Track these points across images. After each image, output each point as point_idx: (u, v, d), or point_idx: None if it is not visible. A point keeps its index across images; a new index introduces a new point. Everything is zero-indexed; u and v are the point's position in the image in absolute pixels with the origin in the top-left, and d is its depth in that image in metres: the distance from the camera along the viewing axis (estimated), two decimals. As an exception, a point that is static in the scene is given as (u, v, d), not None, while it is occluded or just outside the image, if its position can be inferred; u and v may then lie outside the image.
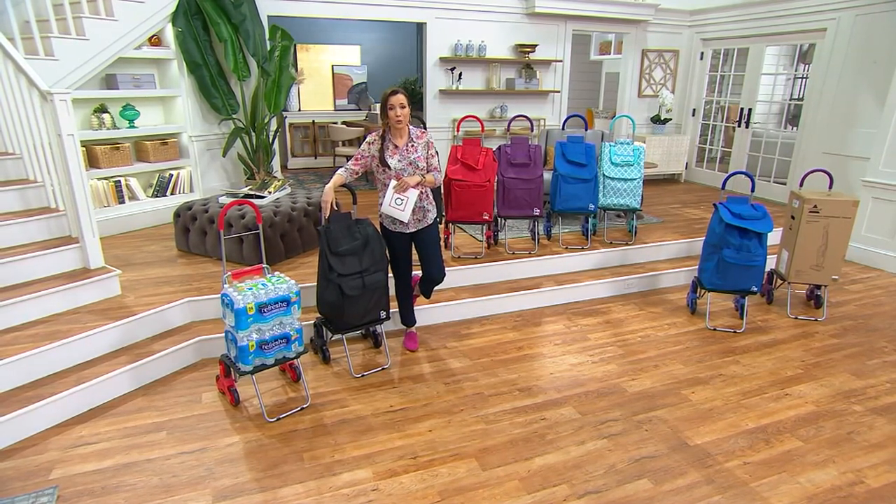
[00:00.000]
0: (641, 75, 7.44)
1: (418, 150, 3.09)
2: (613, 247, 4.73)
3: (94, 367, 2.88)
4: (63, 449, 2.48)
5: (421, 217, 3.19)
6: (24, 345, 2.81)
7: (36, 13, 4.19)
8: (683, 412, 2.84)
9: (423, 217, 3.20)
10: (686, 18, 7.42)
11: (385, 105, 2.98)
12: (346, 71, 8.91)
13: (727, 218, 3.60)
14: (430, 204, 3.23)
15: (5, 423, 2.49)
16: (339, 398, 2.93)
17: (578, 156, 4.55)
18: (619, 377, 3.17)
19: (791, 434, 2.68)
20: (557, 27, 6.80)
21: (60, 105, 3.17)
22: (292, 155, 8.63)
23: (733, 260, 3.62)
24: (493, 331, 3.76)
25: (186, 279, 3.79)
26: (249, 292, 2.61)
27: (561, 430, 2.67)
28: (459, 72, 6.55)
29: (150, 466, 2.38)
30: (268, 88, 5.45)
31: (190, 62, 5.11)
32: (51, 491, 2.23)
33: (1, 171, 3.66)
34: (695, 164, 7.84)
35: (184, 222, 4.26)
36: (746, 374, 3.23)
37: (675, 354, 3.44)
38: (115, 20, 4.56)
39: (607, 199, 4.70)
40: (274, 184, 4.63)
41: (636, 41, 7.28)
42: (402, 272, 3.36)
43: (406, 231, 3.20)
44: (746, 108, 6.92)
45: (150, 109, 5.34)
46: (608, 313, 4.04)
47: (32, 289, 3.12)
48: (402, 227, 3.19)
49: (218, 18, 5.09)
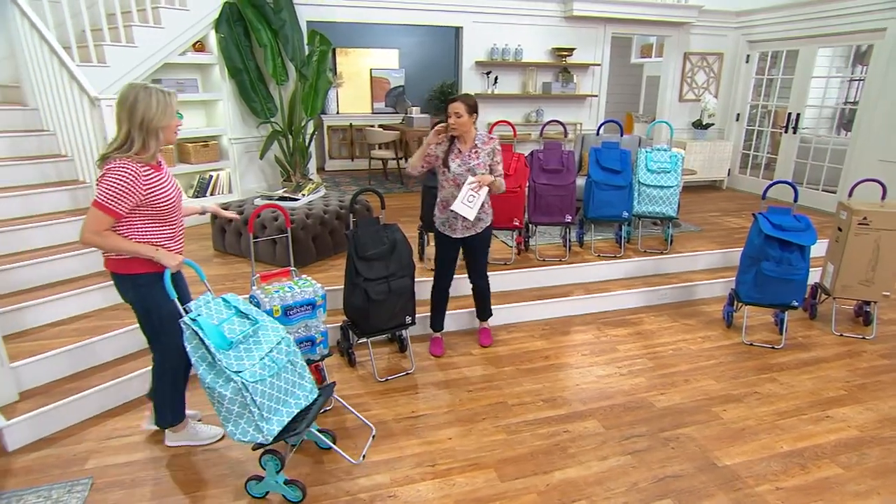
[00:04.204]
0: (683, 79, 7.24)
1: (480, 156, 3.09)
2: (647, 255, 4.61)
3: (130, 362, 3.00)
4: (98, 440, 2.59)
5: (472, 223, 3.20)
6: (67, 338, 2.95)
7: (91, 23, 4.42)
8: (713, 431, 2.74)
9: (475, 224, 3.21)
10: (732, 20, 7.17)
11: (445, 111, 3.04)
12: (385, 74, 9.01)
13: (766, 229, 3.46)
14: (485, 213, 3.23)
15: (49, 413, 2.63)
16: (362, 402, 2.95)
17: (613, 162, 4.46)
18: (647, 391, 3.09)
19: (830, 460, 2.55)
20: (596, 30, 6.69)
21: (107, 110, 3.33)
22: (330, 157, 8.78)
23: (773, 273, 3.47)
24: (519, 339, 3.72)
25: (221, 279, 3.90)
26: (276, 295, 2.66)
27: (584, 444, 2.62)
28: (495, 76, 6.53)
29: (175, 462, 2.46)
30: (305, 92, 5.57)
31: (231, 67, 5.27)
32: (85, 481, 2.33)
33: (55, 172, 3.86)
34: (738, 171, 7.57)
35: (220, 223, 4.40)
36: (784, 392, 3.10)
37: (708, 369, 3.33)
38: (162, 28, 4.76)
39: (642, 207, 4.59)
40: (308, 186, 4.72)
41: (678, 44, 7.09)
42: (443, 278, 3.37)
43: (456, 236, 3.22)
44: (795, 113, 6.64)
45: (193, 113, 5.54)
46: (639, 324, 3.94)
47: (78, 285, 3.28)
48: (452, 231, 3.20)
49: (258, 24, 5.24)
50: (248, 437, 1.99)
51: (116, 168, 2.06)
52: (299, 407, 2.14)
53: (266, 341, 2.10)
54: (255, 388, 1.97)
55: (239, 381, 1.93)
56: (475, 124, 3.10)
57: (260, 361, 2.02)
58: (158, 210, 2.19)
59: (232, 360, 1.97)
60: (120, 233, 2.15)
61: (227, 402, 1.94)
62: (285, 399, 2.09)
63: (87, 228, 2.08)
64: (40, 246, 3.39)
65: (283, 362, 2.11)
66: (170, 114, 2.15)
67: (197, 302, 2.11)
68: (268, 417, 2.00)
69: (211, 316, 2.07)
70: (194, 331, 1.97)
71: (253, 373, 1.98)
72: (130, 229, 2.16)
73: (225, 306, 2.17)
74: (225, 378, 1.94)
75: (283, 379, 2.10)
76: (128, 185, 2.07)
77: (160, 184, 2.19)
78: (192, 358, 1.98)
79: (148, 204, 2.15)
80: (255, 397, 1.96)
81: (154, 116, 2.10)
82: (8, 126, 3.94)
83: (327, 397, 2.34)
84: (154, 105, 2.09)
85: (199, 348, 1.98)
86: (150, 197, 2.15)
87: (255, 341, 2.08)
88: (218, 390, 1.93)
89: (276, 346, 2.11)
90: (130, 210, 2.12)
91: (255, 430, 1.98)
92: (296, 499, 2.20)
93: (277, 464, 2.17)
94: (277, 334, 2.16)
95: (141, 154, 2.12)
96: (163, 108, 2.12)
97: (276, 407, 2.04)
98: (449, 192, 3.14)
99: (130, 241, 2.16)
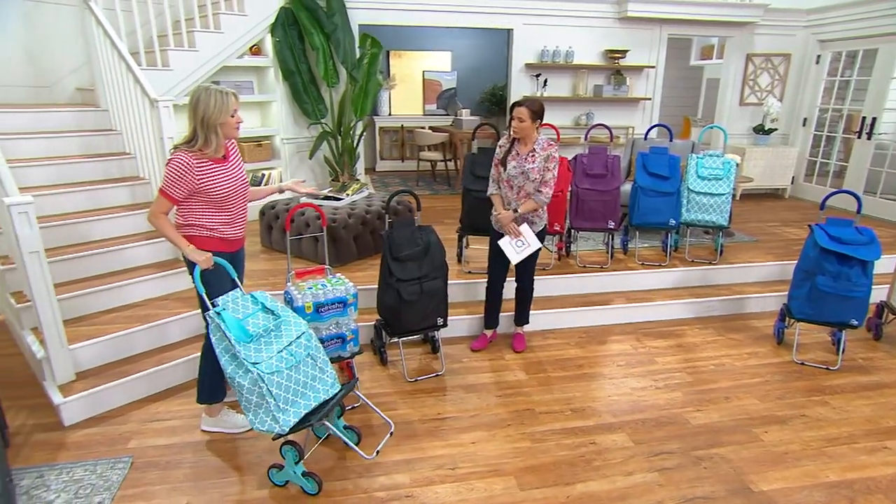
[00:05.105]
0: (745, 81, 6.89)
1: (536, 160, 3.12)
2: (695, 265, 4.42)
3: (175, 350, 3.17)
4: (141, 422, 2.76)
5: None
6: (120, 325, 3.15)
7: (159, 30, 4.70)
8: (751, 452, 2.59)
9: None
10: (801, 18, 6.77)
11: (510, 114, 3.13)
12: (437, 77, 9.08)
13: (823, 242, 3.24)
14: (539, 217, 3.26)
15: (99, 393, 2.83)
16: (390, 401, 2.99)
17: (661, 168, 4.31)
18: (682, 406, 2.96)
19: (885, 496, 2.35)
20: (651, 32, 6.48)
21: (164, 111, 3.53)
22: (381, 158, 8.94)
23: (829, 289, 3.25)
24: (555, 345, 3.66)
25: (265, 274, 4.05)
26: (309, 292, 2.74)
27: (610, 458, 2.54)
28: (545, 78, 6.45)
29: (209, 447, 2.58)
30: (355, 94, 5.70)
31: (285, 70, 5.47)
32: (126, 459, 2.48)
33: (118, 169, 4.12)
34: (803, 179, 7.13)
35: (268, 220, 4.57)
36: (836, 417, 2.89)
37: (752, 387, 3.16)
38: (222, 32, 5.00)
39: (691, 215, 4.40)
40: (352, 187, 4.83)
41: (740, 45, 6.76)
42: (493, 271, 3.42)
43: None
44: (870, 117, 6.18)
45: (249, 113, 5.78)
46: (682, 336, 3.79)
47: (133, 275, 3.49)
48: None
49: (312, 28, 5.40)
50: (265, 426, 2.08)
51: (173, 159, 2.33)
52: (318, 400, 2.21)
53: (287, 335, 2.19)
54: (271, 380, 2.05)
55: (255, 371, 2.02)
56: (538, 129, 3.14)
57: (278, 354, 2.11)
58: (212, 198, 2.41)
59: (251, 351, 2.06)
60: (181, 215, 2.43)
61: (246, 391, 2.04)
62: (304, 392, 2.16)
63: (151, 210, 2.38)
64: (100, 238, 3.64)
65: (303, 356, 2.18)
66: (227, 111, 2.35)
67: (225, 297, 2.21)
68: (284, 408, 2.07)
69: (237, 311, 2.17)
70: (217, 324, 2.06)
71: (269, 364, 2.07)
72: (190, 213, 2.42)
73: (252, 302, 2.26)
74: (244, 369, 2.04)
75: (302, 372, 2.17)
76: (181, 174, 2.31)
77: (215, 175, 2.39)
78: (217, 349, 2.08)
79: (202, 192, 2.37)
80: (272, 388, 2.04)
81: (213, 114, 2.32)
82: (82, 126, 4.25)
83: (347, 392, 2.39)
84: (213, 104, 2.31)
85: (222, 340, 2.08)
86: (202, 186, 2.37)
87: (277, 335, 2.17)
88: (237, 380, 2.03)
89: (296, 340, 2.19)
90: (187, 196, 2.38)
91: (273, 421, 2.06)
92: (311, 490, 2.26)
93: (296, 455, 2.24)
94: (299, 329, 2.24)
95: (204, 148, 2.36)
96: (220, 106, 2.33)
97: (293, 399, 2.11)
98: (503, 192, 3.24)
99: (173, 231, 2.40)
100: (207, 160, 2.38)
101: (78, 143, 4.08)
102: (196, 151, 2.35)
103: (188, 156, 2.33)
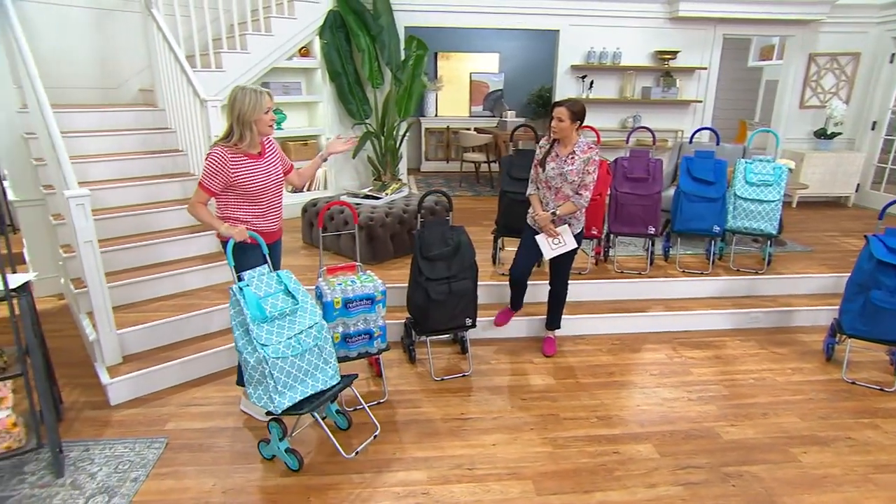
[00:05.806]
0: (806, 83, 6.53)
1: (576, 163, 3.10)
2: (740, 274, 4.23)
3: (214, 339, 3.32)
4: (179, 406, 2.91)
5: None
6: (165, 313, 3.32)
7: (214, 34, 4.94)
8: (787, 473, 2.47)
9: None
10: (874, 14, 6.34)
11: (550, 114, 3.13)
12: (484, 78, 9.08)
13: (879, 254, 3.04)
14: (576, 219, 3.25)
15: (143, 376, 3.00)
16: (415, 398, 3.02)
17: (706, 173, 4.15)
18: (715, 420, 2.85)
19: (933, 526, 2.20)
20: (705, 31, 6.25)
21: (212, 110, 3.71)
22: (426, 159, 9.02)
23: (885, 304, 3.05)
24: (586, 351, 3.60)
25: (305, 269, 4.18)
26: (339, 287, 2.81)
27: (632, 468, 2.48)
28: (591, 80, 6.33)
29: (240, 434, 2.69)
30: (399, 95, 5.78)
31: (332, 71, 5.61)
32: (162, 440, 2.63)
33: (171, 165, 4.35)
34: (870, 187, 6.68)
35: (309, 217, 4.71)
36: (886, 443, 2.70)
37: (794, 405, 3.00)
38: (272, 35, 5.18)
39: (737, 222, 4.21)
40: (391, 186, 4.90)
41: (802, 44, 6.41)
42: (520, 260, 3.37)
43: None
44: (947, 123, 5.74)
45: (296, 113, 5.97)
46: (721, 348, 3.64)
47: (179, 266, 3.68)
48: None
49: (358, 30, 5.52)
50: (261, 402, 2.24)
51: (211, 153, 2.51)
52: (316, 389, 2.35)
53: (300, 323, 2.32)
54: (275, 364, 2.19)
55: (262, 353, 2.17)
56: (578, 131, 3.13)
57: (286, 341, 2.25)
58: (245, 191, 2.56)
59: (263, 332, 2.21)
60: (218, 209, 2.62)
61: (251, 367, 2.20)
62: (304, 379, 2.30)
63: (190, 202, 2.58)
64: (153, 230, 3.85)
65: (310, 345, 2.32)
66: (260, 108, 2.49)
67: (251, 273, 2.35)
68: (282, 391, 2.23)
69: (260, 288, 2.32)
70: (238, 299, 2.23)
71: (277, 349, 2.21)
72: (226, 206, 2.61)
73: (276, 282, 2.40)
74: (252, 347, 2.19)
75: (306, 360, 2.31)
76: (217, 167, 2.49)
77: (249, 169, 2.54)
78: (233, 321, 2.24)
79: (236, 185, 2.53)
80: (273, 371, 2.18)
81: (248, 111, 2.47)
82: (142, 124, 4.52)
83: (346, 386, 2.50)
84: (248, 102, 2.47)
85: (238, 314, 2.24)
86: (236, 179, 2.52)
87: (291, 321, 2.31)
88: (244, 355, 2.20)
89: (307, 329, 2.33)
90: (223, 189, 2.54)
91: (269, 400, 2.21)
92: (293, 466, 2.41)
93: (280, 431, 2.40)
94: (312, 319, 2.37)
95: (239, 143, 2.51)
96: (254, 104, 2.48)
97: (292, 384, 2.26)
98: (541, 193, 3.24)
99: (208, 213, 2.58)
100: (243, 155, 2.53)
101: (138, 140, 4.34)
102: (232, 146, 2.51)
103: (224, 150, 2.49)
